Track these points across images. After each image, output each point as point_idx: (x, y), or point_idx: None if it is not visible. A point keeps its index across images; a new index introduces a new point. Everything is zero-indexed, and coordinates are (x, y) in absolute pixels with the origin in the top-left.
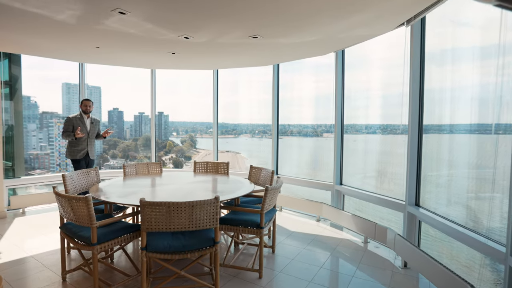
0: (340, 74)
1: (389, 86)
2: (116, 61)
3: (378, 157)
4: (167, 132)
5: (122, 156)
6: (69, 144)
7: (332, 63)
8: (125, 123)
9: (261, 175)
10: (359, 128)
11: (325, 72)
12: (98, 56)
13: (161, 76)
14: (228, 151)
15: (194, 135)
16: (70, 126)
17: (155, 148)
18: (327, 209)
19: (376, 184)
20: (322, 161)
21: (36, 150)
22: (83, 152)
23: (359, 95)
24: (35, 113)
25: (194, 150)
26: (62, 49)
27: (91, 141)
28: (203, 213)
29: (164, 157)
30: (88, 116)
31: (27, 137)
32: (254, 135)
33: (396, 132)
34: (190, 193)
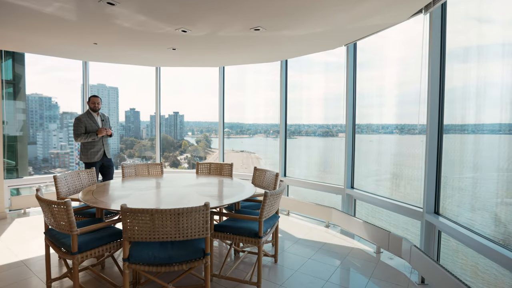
0: (352, 70)
1: (405, 84)
2: (119, 59)
3: (393, 158)
4: (182, 132)
5: (139, 156)
6: (83, 146)
7: (343, 62)
8: (141, 123)
9: (265, 177)
10: (375, 128)
11: (336, 72)
12: (100, 54)
13: (176, 75)
14: (242, 151)
15: (209, 135)
16: (82, 127)
17: (158, 148)
18: (336, 215)
19: (390, 188)
20: (334, 163)
21: (56, 149)
22: (100, 153)
23: (373, 93)
24: (56, 114)
25: (209, 150)
26: (62, 46)
27: (105, 139)
28: (191, 221)
29: (179, 156)
30: (98, 114)
31: (48, 136)
32: (268, 135)
33: (413, 132)
34: (184, 197)
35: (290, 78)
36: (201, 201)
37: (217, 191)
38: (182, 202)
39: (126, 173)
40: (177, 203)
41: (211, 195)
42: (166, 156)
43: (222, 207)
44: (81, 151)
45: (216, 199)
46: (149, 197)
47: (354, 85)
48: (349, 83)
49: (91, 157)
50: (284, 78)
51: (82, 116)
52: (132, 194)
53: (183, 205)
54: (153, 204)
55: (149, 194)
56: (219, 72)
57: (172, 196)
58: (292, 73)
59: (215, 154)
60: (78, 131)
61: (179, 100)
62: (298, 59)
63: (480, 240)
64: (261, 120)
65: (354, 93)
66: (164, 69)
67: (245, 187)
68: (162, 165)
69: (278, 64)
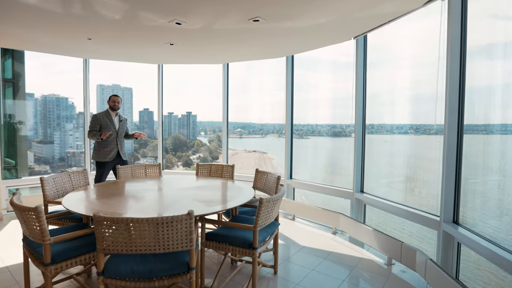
0: (362, 65)
1: (419, 82)
2: (118, 56)
3: (407, 161)
4: (195, 131)
5: (152, 155)
6: (97, 144)
7: (352, 61)
8: (155, 123)
9: (267, 180)
10: (389, 128)
11: (345, 71)
12: (97, 50)
13: (189, 75)
14: (255, 151)
15: (221, 134)
16: (97, 125)
17: (161, 148)
18: (344, 221)
19: (404, 193)
20: (342, 165)
21: (72, 149)
22: (113, 153)
23: (385, 91)
24: (72, 114)
25: (221, 150)
26: (57, 43)
27: (120, 140)
28: (172, 232)
29: (191, 156)
30: (116, 114)
31: (65, 136)
32: (281, 135)
33: (429, 132)
34: (174, 203)
35: (298, 77)
36: (192, 207)
37: (212, 196)
38: (171, 208)
39: (122, 174)
40: (165, 209)
41: (204, 200)
42: (178, 156)
43: (215, 213)
44: (94, 149)
45: (209, 205)
46: (135, 202)
47: (364, 82)
48: (359, 79)
49: (102, 156)
50: (290, 76)
51: (99, 114)
52: (116, 198)
53: (172, 212)
54: (137, 210)
55: (137, 199)
56: (223, 70)
57: (162, 201)
58: (299, 72)
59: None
60: (91, 128)
61: (192, 100)
62: (306, 58)
63: (506, 255)
64: (275, 119)
65: (364, 91)
66: (176, 69)
67: (243, 191)
68: (160, 166)
69: (287, 61)
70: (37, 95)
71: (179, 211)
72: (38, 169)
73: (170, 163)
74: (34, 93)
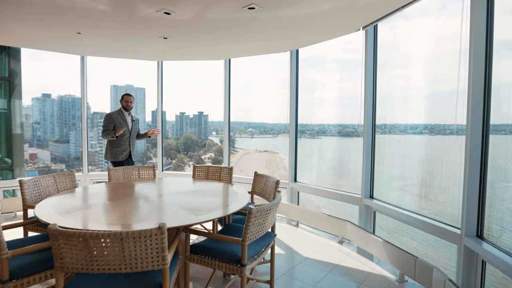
0: (372, 58)
1: (436, 80)
2: (111, 52)
3: (422, 163)
4: (206, 131)
5: (164, 154)
6: (109, 144)
7: (360, 59)
8: (167, 123)
9: (266, 184)
10: (403, 128)
11: (353, 70)
12: (89, 46)
13: (203, 74)
14: (266, 150)
15: (232, 134)
16: (111, 124)
17: (160, 149)
18: (352, 230)
19: (418, 199)
20: (356, 167)
21: (87, 148)
22: (126, 153)
23: (398, 89)
24: (87, 114)
25: (232, 150)
26: (48, 38)
27: (133, 140)
28: (140, 249)
29: (203, 156)
30: (129, 113)
31: (79, 135)
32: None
33: (445, 133)
34: (156, 211)
35: (306, 75)
36: (176, 216)
37: (202, 202)
38: (149, 218)
39: (113, 176)
40: (142, 220)
41: (192, 208)
42: (190, 156)
43: (200, 223)
44: (107, 149)
45: (195, 214)
46: (110, 210)
47: (374, 77)
48: (368, 74)
49: (116, 155)
50: (295, 72)
51: (113, 113)
52: (95, 204)
53: (150, 223)
54: (111, 220)
55: (116, 205)
56: (224, 67)
57: (142, 209)
58: (306, 70)
59: (238, 154)
60: (106, 127)
61: (203, 99)
62: (313, 57)
63: None
64: (286, 119)
65: (374, 88)
66: (188, 68)
67: (238, 196)
68: (154, 168)
69: (291, 56)
70: (53, 96)
71: (157, 222)
72: (55, 168)
73: (182, 163)
74: (50, 93)
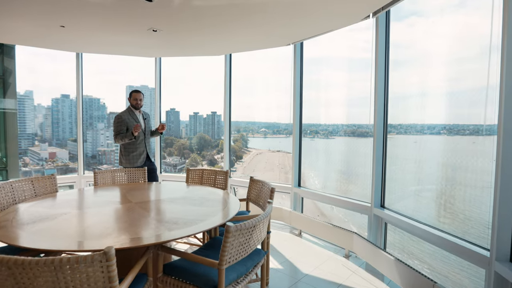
0: (383, 46)
1: (459, 78)
2: (108, 49)
3: (442, 168)
4: (219, 131)
5: (178, 154)
6: (123, 149)
7: (370, 58)
8: (181, 123)
9: (262, 191)
10: (419, 128)
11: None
12: (81, 42)
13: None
14: (279, 150)
15: (245, 134)
16: (123, 127)
17: (159, 151)
18: (359, 243)
19: (437, 210)
20: (362, 172)
21: (103, 147)
22: (143, 156)
23: (414, 88)
24: (103, 114)
25: (245, 149)
26: (33, 32)
27: (148, 141)
28: (80, 279)
29: (216, 155)
30: (140, 112)
31: (97, 135)
32: (305, 134)
33: (464, 133)
34: (126, 223)
35: (314, 72)
36: (148, 230)
37: (183, 213)
38: (113, 233)
39: (100, 180)
40: (104, 235)
41: (169, 220)
42: (203, 155)
43: (175, 240)
44: (122, 154)
45: (170, 228)
46: (76, 221)
47: (386, 71)
48: (379, 65)
49: (133, 161)
50: (299, 68)
51: (123, 114)
52: (60, 215)
53: (111, 239)
54: (67, 235)
55: (83, 216)
56: (225, 62)
57: (112, 220)
58: (314, 68)
59: (252, 153)
60: (118, 130)
61: (216, 99)
62: (320, 56)
63: None
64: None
65: (386, 83)
66: (204, 67)
67: (228, 205)
68: (145, 171)
69: (294, 50)
70: (72, 96)
71: (122, 240)
72: (72, 166)
73: (195, 162)
74: (69, 94)
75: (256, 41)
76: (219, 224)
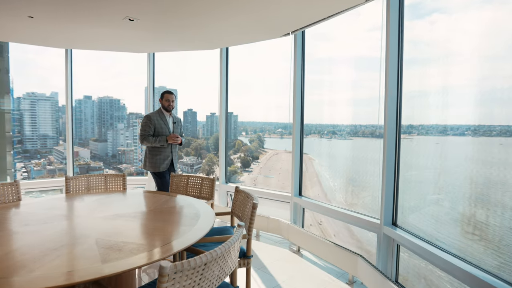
0: (396, 39)
1: (490, 76)
2: (88, 43)
3: (471, 181)
4: (236, 131)
5: (195, 154)
6: (148, 151)
7: (379, 57)
8: (198, 123)
9: (245, 205)
10: (442, 129)
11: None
12: (48, 34)
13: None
14: None
15: (262, 135)
16: (151, 128)
17: None
18: (365, 269)
19: (461, 228)
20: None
21: (123, 147)
22: (167, 162)
23: (434, 87)
24: (123, 114)
25: (262, 150)
26: (4, 25)
27: (175, 147)
28: None
29: (232, 156)
30: (170, 114)
31: (117, 135)
32: (322, 135)
33: (490, 134)
34: (58, 248)
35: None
36: (82, 260)
37: (134, 236)
38: (26, 267)
39: (72, 186)
40: (17, 269)
41: (112, 245)
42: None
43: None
44: (146, 157)
45: (103, 260)
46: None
47: (399, 57)
48: (391, 52)
49: (157, 165)
50: (300, 54)
51: (152, 115)
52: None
53: (21, 277)
54: None
55: (15, 237)
56: (220, 56)
57: (44, 243)
58: (314, 68)
59: (268, 154)
60: (145, 131)
61: (234, 100)
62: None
63: None
64: (315, 120)
65: (399, 68)
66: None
67: (197, 224)
68: (125, 177)
69: (295, 39)
70: (94, 97)
71: (38, 275)
72: (93, 165)
73: (211, 162)
74: (91, 95)
75: (246, 30)
76: (171, 253)
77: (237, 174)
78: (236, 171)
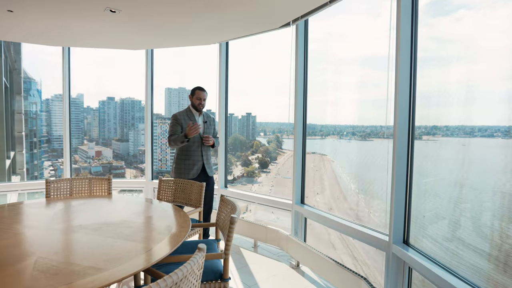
0: (409, 35)
1: None
2: (59, 37)
3: (500, 197)
4: (254, 132)
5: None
6: (177, 157)
7: (387, 55)
8: (216, 124)
9: (226, 216)
10: (468, 130)
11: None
12: (27, 29)
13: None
14: (314, 152)
15: (280, 135)
16: (178, 127)
17: (150, 155)
18: None
19: (488, 251)
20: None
21: (144, 147)
22: (197, 167)
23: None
24: (144, 115)
25: (280, 151)
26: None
27: (206, 149)
28: None
29: (250, 156)
30: (200, 114)
31: (138, 135)
32: (341, 136)
33: None
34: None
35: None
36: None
37: (87, 255)
38: None
39: (53, 190)
40: None
41: (48, 271)
42: (238, 156)
43: None
44: (174, 162)
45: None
46: None
47: (413, 45)
48: (403, 39)
49: (184, 171)
50: (303, 45)
51: (179, 114)
52: None
53: None
54: None
55: None
56: (219, 51)
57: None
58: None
59: (286, 155)
60: (172, 131)
61: (250, 100)
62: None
63: None
64: (336, 121)
65: (413, 56)
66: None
67: (164, 239)
68: (110, 181)
69: (296, 30)
70: (116, 99)
71: None
72: (116, 164)
73: (229, 163)
74: (114, 96)
75: (239, 21)
76: (112, 283)
77: (255, 174)
78: (254, 172)
